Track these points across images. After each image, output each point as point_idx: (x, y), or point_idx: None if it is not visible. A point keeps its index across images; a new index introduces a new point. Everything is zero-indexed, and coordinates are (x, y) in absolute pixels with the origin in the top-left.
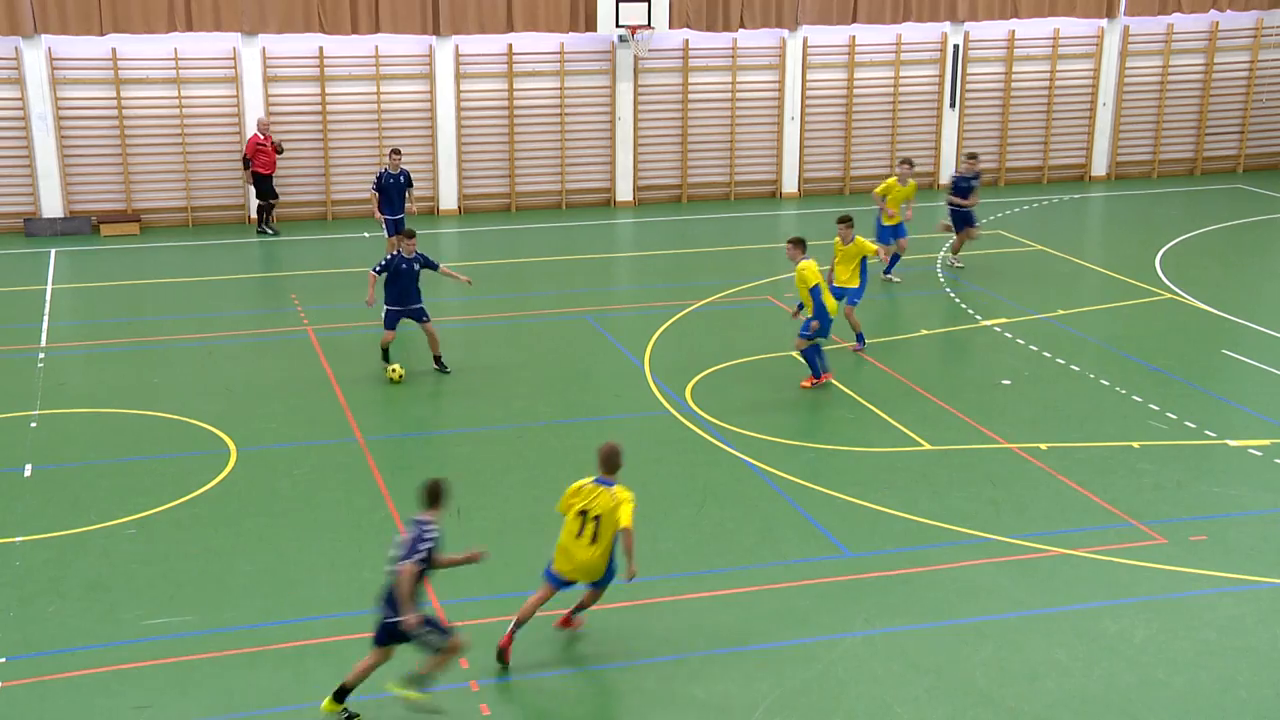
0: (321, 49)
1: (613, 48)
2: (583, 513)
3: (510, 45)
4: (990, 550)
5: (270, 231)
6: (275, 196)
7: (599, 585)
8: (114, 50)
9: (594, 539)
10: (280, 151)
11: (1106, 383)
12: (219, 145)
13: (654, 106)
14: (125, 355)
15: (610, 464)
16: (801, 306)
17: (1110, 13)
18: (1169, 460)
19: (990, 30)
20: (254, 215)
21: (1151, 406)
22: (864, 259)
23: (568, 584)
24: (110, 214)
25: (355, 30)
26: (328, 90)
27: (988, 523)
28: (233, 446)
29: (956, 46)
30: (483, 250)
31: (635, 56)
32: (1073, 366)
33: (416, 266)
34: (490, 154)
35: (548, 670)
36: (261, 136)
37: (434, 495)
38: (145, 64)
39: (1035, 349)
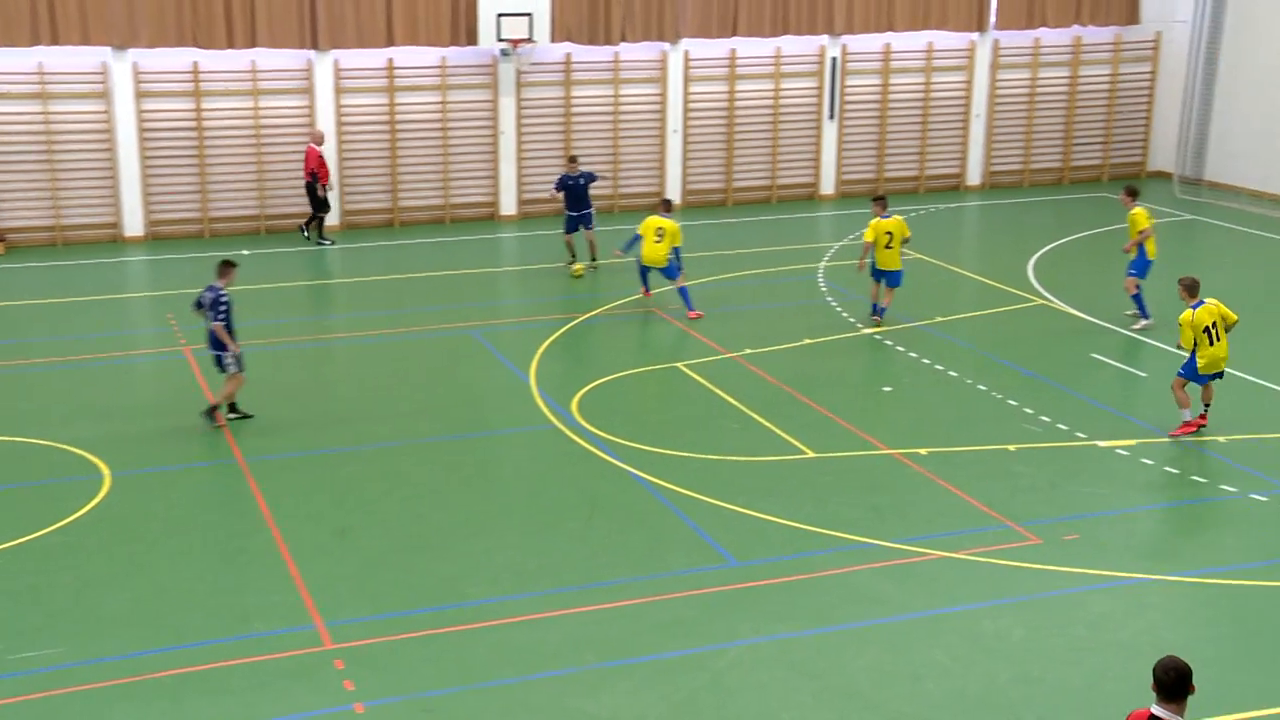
0: (196, 64)
1: (494, 62)
2: (1208, 329)
3: (390, 60)
4: (873, 555)
5: (328, 241)
6: (328, 208)
7: (1217, 376)
8: None
9: (1218, 339)
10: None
11: (983, 388)
12: (88, 163)
13: (537, 120)
14: None
15: (1192, 291)
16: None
17: (981, 26)
18: (1042, 462)
19: (866, 43)
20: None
21: (1026, 410)
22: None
23: (1209, 378)
24: None
25: (231, 44)
26: (203, 106)
27: (870, 528)
28: (106, 471)
29: (834, 59)
30: (366, 266)
31: (517, 70)
32: (951, 372)
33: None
34: (372, 169)
35: (433, 689)
36: (319, 150)
37: None
38: (6, 78)
39: (915, 356)
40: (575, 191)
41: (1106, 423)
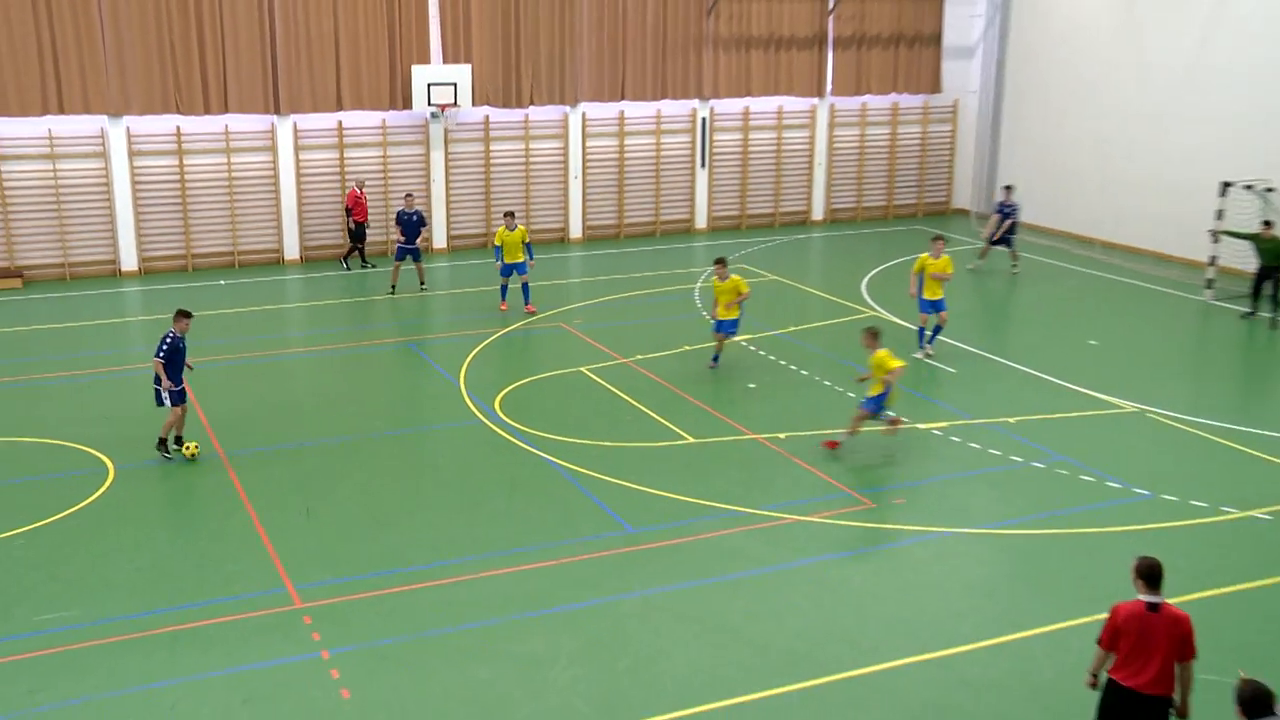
0: (179, 127)
1: (426, 123)
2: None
3: (340, 121)
4: (743, 521)
5: (369, 265)
6: (364, 239)
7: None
8: None
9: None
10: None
11: (829, 383)
12: (91, 211)
13: (462, 170)
14: (17, 391)
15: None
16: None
17: (820, 92)
18: (876, 443)
19: (730, 106)
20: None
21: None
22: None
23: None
24: None
25: (207, 110)
26: (186, 162)
27: (740, 498)
28: (111, 466)
29: (704, 119)
30: (324, 292)
31: (445, 129)
32: (802, 371)
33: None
34: (327, 213)
35: (386, 638)
36: (359, 191)
37: None
38: (21, 142)
39: (774, 359)
40: (408, 227)
41: (925, 409)
